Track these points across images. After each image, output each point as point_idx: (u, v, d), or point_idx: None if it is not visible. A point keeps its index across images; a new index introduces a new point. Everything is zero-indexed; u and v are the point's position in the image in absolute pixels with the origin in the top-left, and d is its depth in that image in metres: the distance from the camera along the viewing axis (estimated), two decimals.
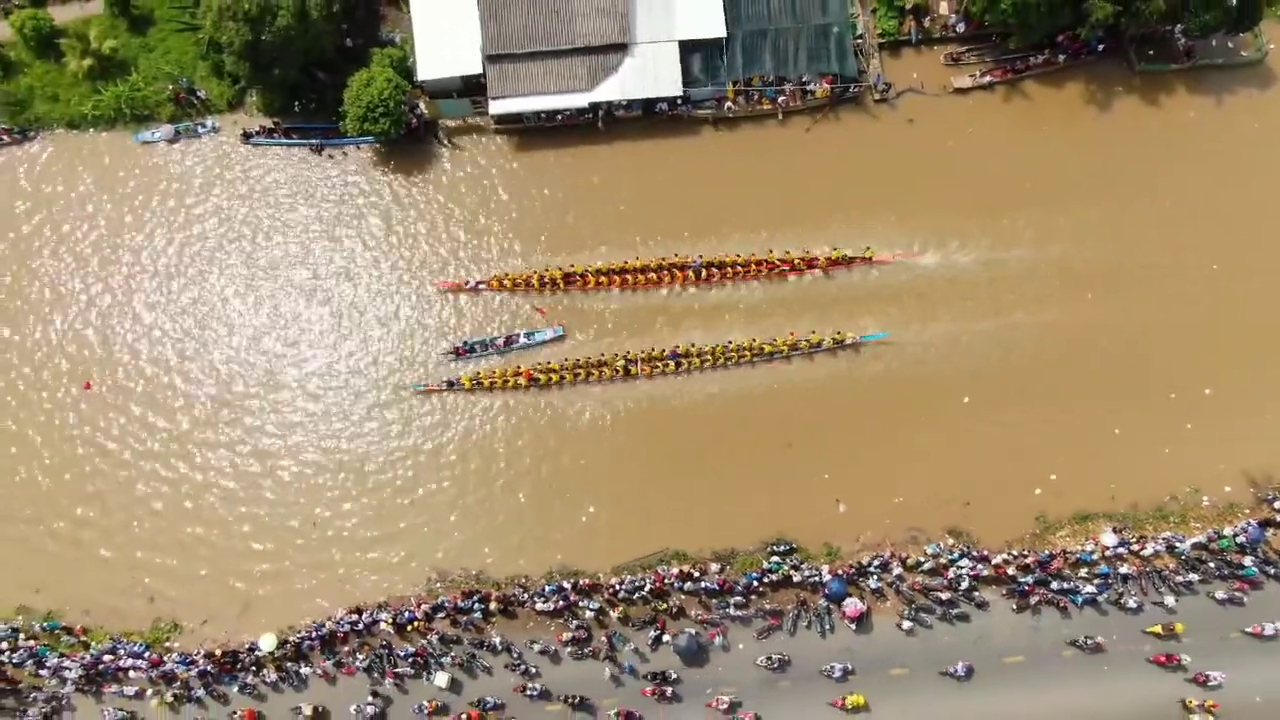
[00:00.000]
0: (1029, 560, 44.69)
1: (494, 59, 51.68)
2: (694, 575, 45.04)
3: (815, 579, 44.81)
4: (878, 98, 53.02)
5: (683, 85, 51.96)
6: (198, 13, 53.17)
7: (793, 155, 52.46)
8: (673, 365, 48.74)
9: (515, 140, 53.51)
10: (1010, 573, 44.65)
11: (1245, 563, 44.30)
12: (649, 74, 51.74)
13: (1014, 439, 46.98)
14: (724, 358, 48.90)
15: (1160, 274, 49.34)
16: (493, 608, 45.20)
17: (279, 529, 47.59)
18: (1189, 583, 44.29)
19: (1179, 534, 45.20)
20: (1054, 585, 44.28)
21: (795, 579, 44.86)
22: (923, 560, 44.96)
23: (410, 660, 44.54)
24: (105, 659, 45.13)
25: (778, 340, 49.04)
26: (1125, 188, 50.67)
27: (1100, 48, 52.47)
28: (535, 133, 53.37)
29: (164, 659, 45.17)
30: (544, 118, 52.72)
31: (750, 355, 48.97)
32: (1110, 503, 46.19)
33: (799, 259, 50.34)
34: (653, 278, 50.46)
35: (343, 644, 45.41)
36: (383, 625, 45.06)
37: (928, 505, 46.22)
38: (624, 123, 53.06)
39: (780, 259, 50.28)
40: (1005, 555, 45.00)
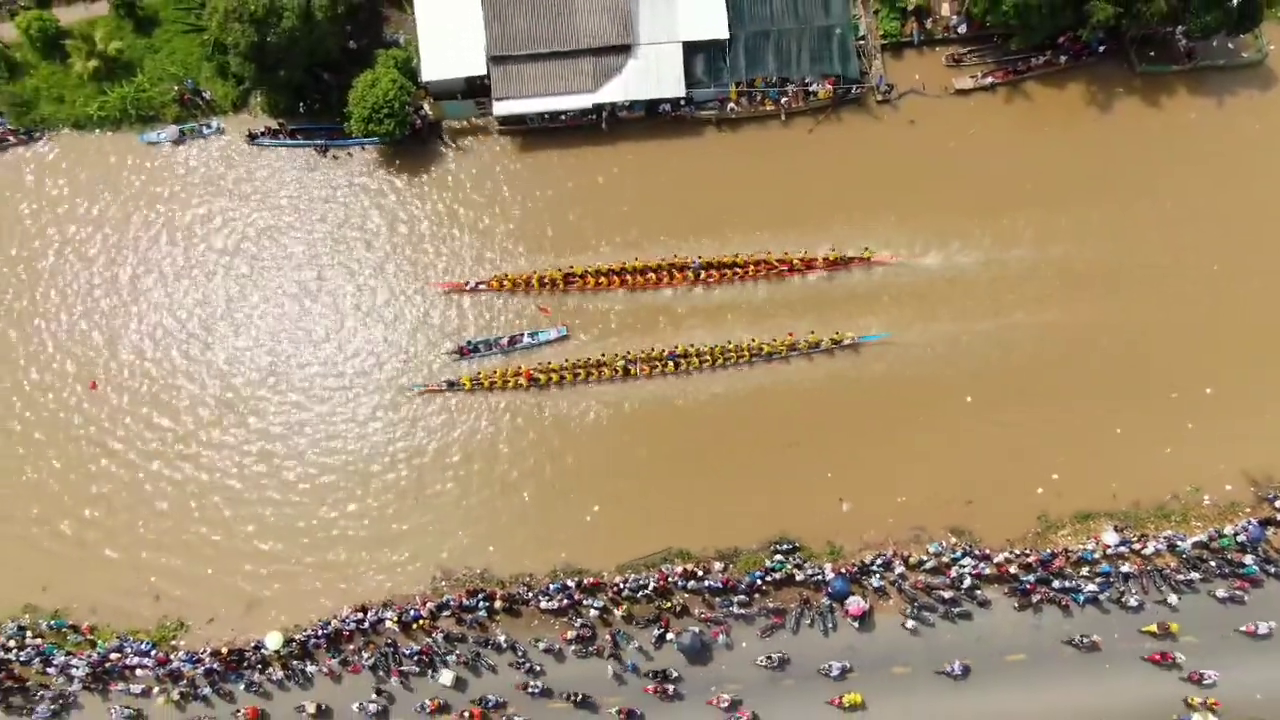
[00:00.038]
0: (1031, 559, 44.86)
1: (498, 60, 51.83)
2: (698, 574, 45.22)
3: (818, 577, 44.98)
4: (880, 99, 53.19)
5: (686, 86, 52.06)
6: (203, 14, 53.23)
7: (795, 156, 52.59)
8: (672, 366, 48.87)
9: (519, 141, 53.67)
10: (1012, 571, 44.83)
11: (1246, 561, 44.50)
12: (652, 75, 51.89)
13: (1015, 438, 47.12)
14: (723, 358, 49.07)
15: (1161, 274, 49.51)
16: (497, 606, 45.35)
17: (284, 529, 47.68)
18: (1190, 581, 44.48)
19: (1180, 533, 45.39)
20: (1056, 584, 44.44)
21: (798, 577, 45.08)
22: (925, 559, 45.16)
23: (415, 658, 44.71)
24: (112, 657, 45.25)
25: (776, 341, 49.24)
26: (1126, 188, 50.83)
27: (1101, 49, 52.61)
28: (539, 133, 53.54)
29: (170, 657, 45.29)
30: (547, 119, 52.88)
31: (749, 356, 49.15)
32: (1111, 501, 46.38)
33: (798, 260, 50.50)
34: (652, 278, 50.56)
35: (348, 642, 45.53)
36: (388, 623, 45.22)
37: (930, 504, 46.41)
38: (627, 123, 53.22)
39: (779, 260, 50.43)
40: (1007, 554, 45.19)
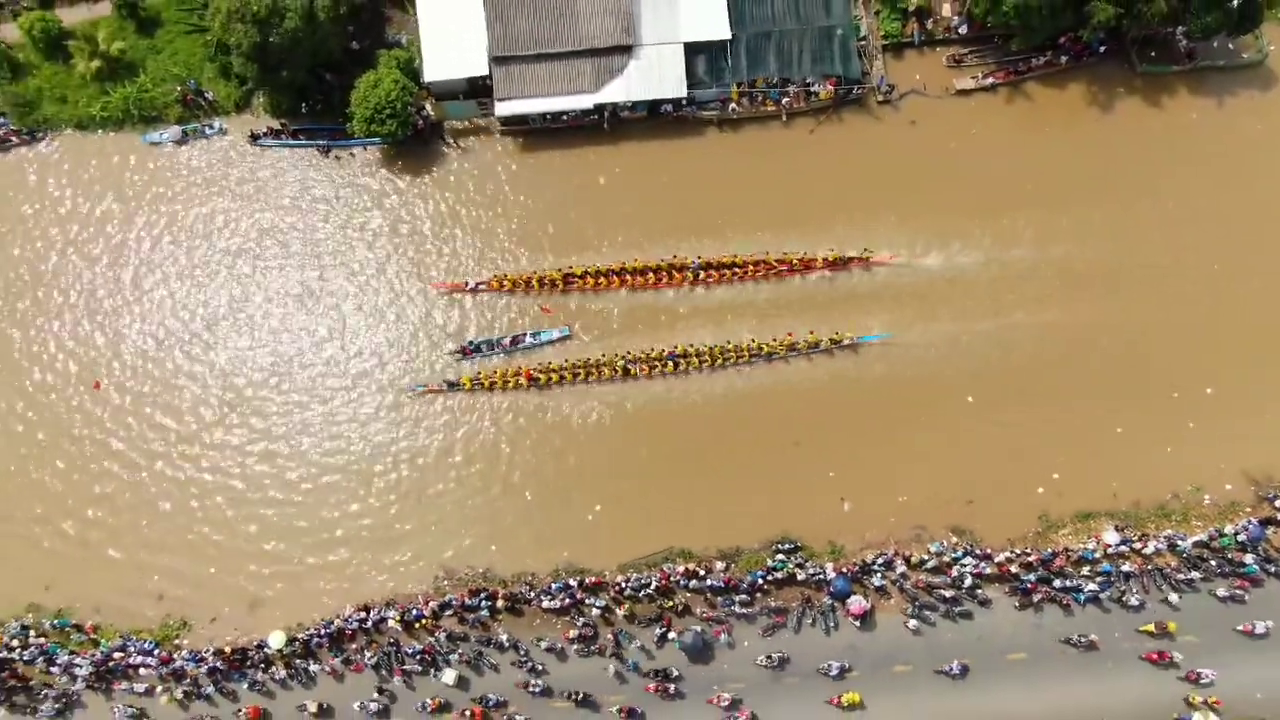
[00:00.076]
0: (1032, 558, 44.93)
1: (500, 61, 51.91)
2: (700, 573, 45.34)
3: (820, 577, 45.09)
4: (881, 99, 53.28)
5: (687, 87, 52.16)
6: (206, 15, 53.44)
7: (796, 156, 52.68)
8: (672, 366, 48.96)
9: (521, 141, 53.79)
10: (1013, 570, 44.91)
11: (1246, 560, 44.56)
12: (654, 75, 51.98)
13: (1016, 438, 47.20)
14: (723, 358, 49.15)
15: (1161, 274, 49.58)
16: (500, 605, 45.47)
17: (287, 529, 47.79)
18: (1190, 580, 44.56)
19: (1180, 532, 45.46)
20: (1056, 583, 44.51)
21: (800, 577, 45.19)
22: (926, 558, 45.26)
23: (418, 658, 44.83)
24: (115, 656, 45.42)
25: (776, 341, 49.33)
26: (1127, 189, 50.91)
27: (1102, 49, 52.67)
28: (540, 134, 53.65)
29: (174, 656, 45.45)
30: (549, 119, 52.98)
31: (749, 356, 49.23)
32: (1112, 501, 46.46)
33: (797, 260, 50.59)
34: (651, 279, 50.65)
35: (351, 641, 45.69)
36: (391, 623, 45.39)
37: (931, 504, 46.50)
38: (629, 124, 53.33)
39: (777, 260, 50.51)
40: (1008, 553, 45.26)
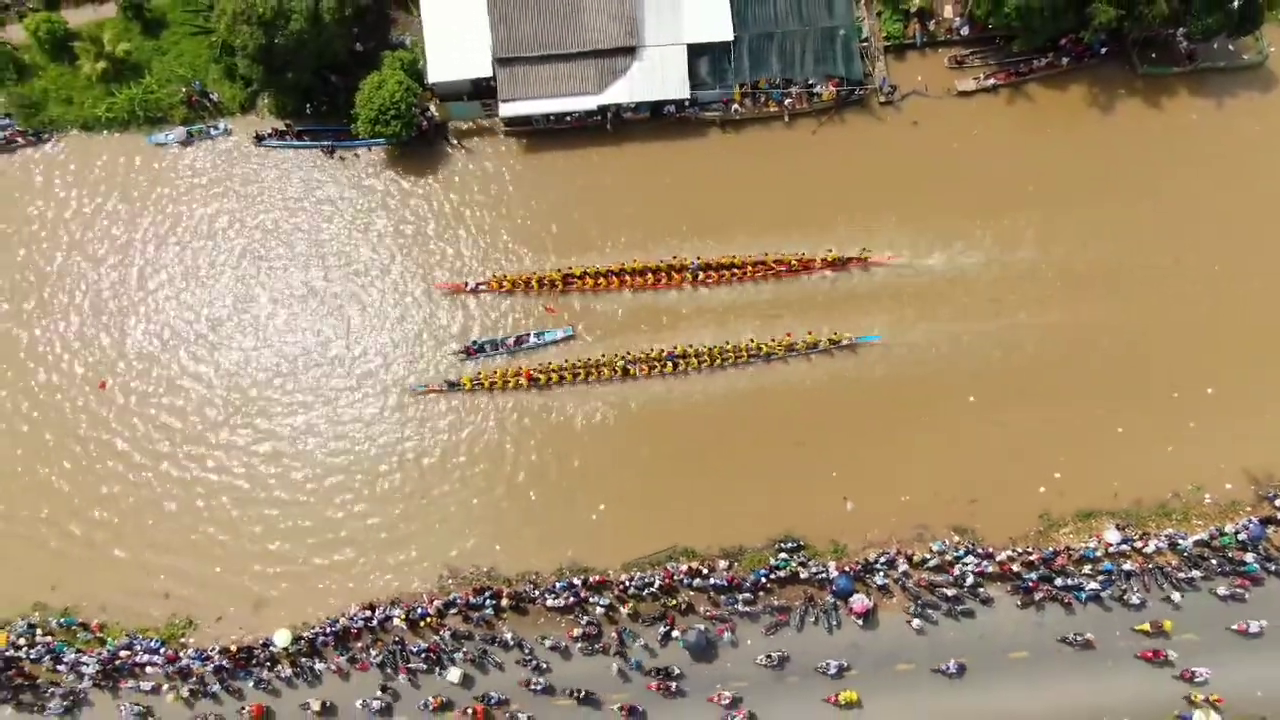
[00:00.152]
0: (1033, 557, 45.16)
1: (504, 62, 52.13)
2: (703, 572, 45.56)
3: (822, 576, 45.32)
4: (883, 100, 53.52)
5: (690, 88, 52.39)
6: (211, 16, 53.61)
7: (799, 157, 52.93)
8: (671, 366, 49.13)
9: (524, 142, 54.02)
10: (1015, 569, 45.16)
11: (1247, 559, 44.82)
12: (657, 77, 52.20)
13: (1017, 438, 47.44)
14: (722, 359, 49.31)
15: (1162, 275, 49.84)
16: (504, 604, 45.69)
17: (292, 529, 48.00)
18: (1191, 579, 44.79)
19: (1181, 531, 45.69)
20: (1058, 582, 44.74)
21: (803, 576, 45.42)
22: (929, 557, 45.50)
23: (423, 656, 45.01)
24: (122, 655, 45.62)
25: (775, 341, 49.50)
26: (1128, 189, 51.15)
27: (1103, 51, 52.90)
28: (544, 135, 53.87)
29: (180, 655, 45.63)
30: (553, 120, 53.21)
31: (748, 356, 49.40)
32: (1113, 500, 46.68)
33: (795, 260, 50.77)
34: (650, 279, 50.83)
35: (356, 640, 45.88)
36: (396, 621, 45.57)
37: (933, 503, 46.75)
38: (632, 125, 53.56)
39: (776, 260, 50.69)
40: (1010, 552, 45.52)
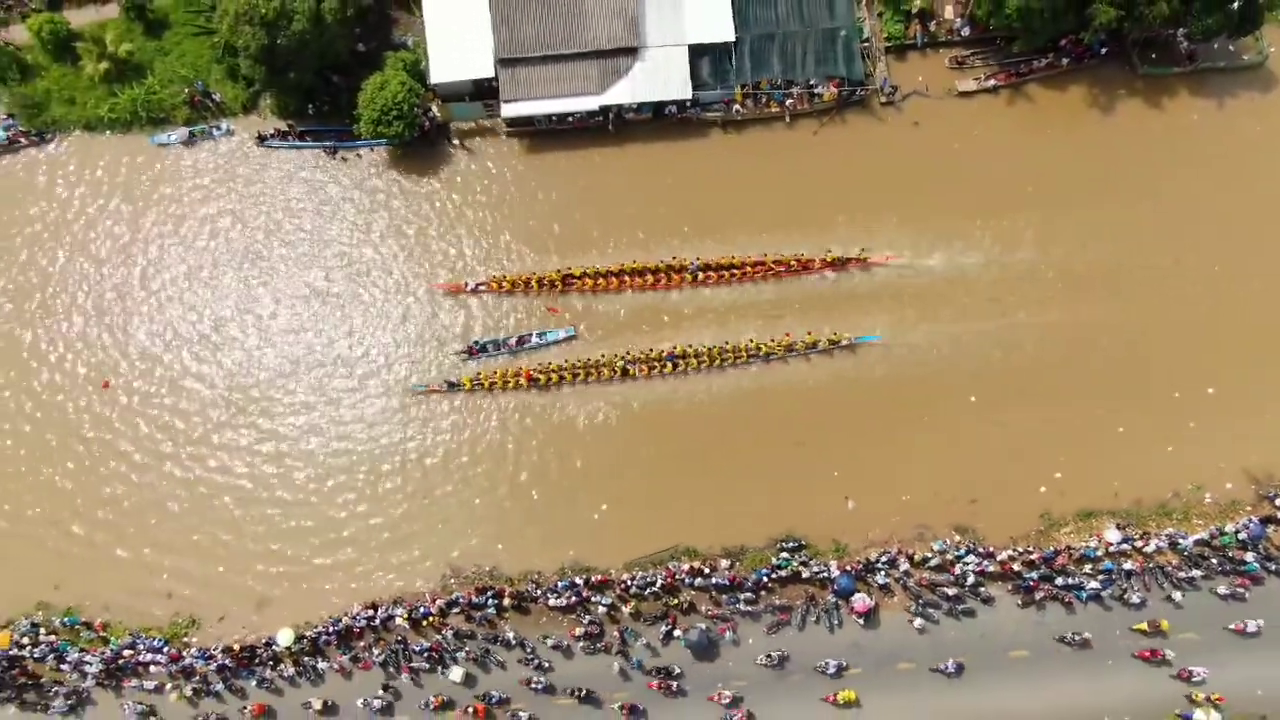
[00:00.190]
0: (1034, 556, 45.26)
1: (506, 63, 52.22)
2: (704, 571, 45.67)
3: (824, 575, 45.44)
4: (884, 101, 53.62)
5: (692, 88, 52.49)
6: (213, 17, 53.61)
7: (800, 157, 53.03)
8: (670, 366, 49.22)
9: (526, 142, 54.12)
10: (1015, 569, 45.28)
11: (1247, 559, 44.92)
12: (659, 77, 52.27)
13: (1018, 438, 47.53)
14: (721, 359, 49.40)
15: (1162, 275, 49.94)
16: (506, 603, 45.79)
17: (294, 529, 48.03)
18: (1191, 578, 44.89)
19: (1182, 530, 45.77)
20: (1059, 581, 44.86)
21: (804, 575, 45.53)
22: (929, 556, 45.62)
23: (425, 655, 45.13)
24: (125, 654, 45.70)
25: (774, 342, 49.61)
26: (1128, 190, 51.25)
27: (1103, 51, 52.96)
28: (546, 135, 53.98)
29: (183, 654, 45.71)
30: (555, 120, 53.30)
31: (747, 356, 49.48)
32: (1114, 500, 46.77)
33: (794, 260, 50.85)
34: (650, 280, 50.92)
35: (359, 639, 45.99)
36: (398, 620, 45.68)
37: (934, 503, 46.85)
38: (633, 125, 53.65)
39: (775, 261, 50.79)
40: (1010, 551, 45.62)
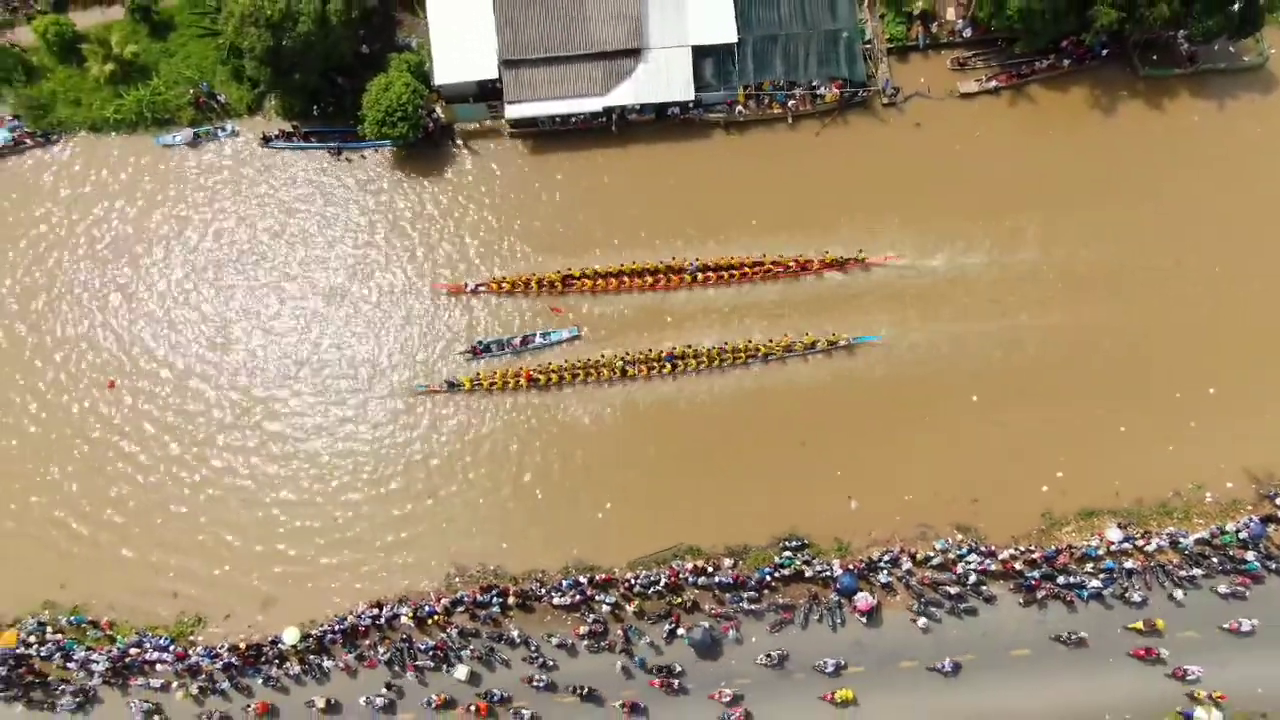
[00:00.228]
0: (1035, 555, 45.44)
1: (510, 64, 52.50)
2: (708, 570, 45.86)
3: (827, 574, 45.64)
4: (886, 102, 53.89)
5: (695, 89, 52.75)
6: (219, 19, 53.97)
7: (802, 158, 53.32)
8: (669, 367, 49.41)
9: (529, 143, 54.37)
10: (1017, 568, 45.46)
11: (1247, 558, 45.10)
12: (662, 79, 52.55)
13: (1019, 438, 47.72)
14: (720, 359, 49.57)
15: (1163, 276, 50.14)
16: (511, 602, 45.97)
17: (299, 529, 48.28)
18: (1192, 577, 45.06)
19: (1182, 529, 45.94)
20: (1060, 580, 45.04)
21: (807, 574, 45.74)
22: (932, 555, 45.80)
23: (430, 653, 45.35)
24: (131, 652, 45.92)
25: (773, 342, 49.77)
26: (1129, 191, 51.47)
27: (1104, 53, 53.24)
28: (549, 136, 54.23)
29: (189, 652, 45.93)
30: (558, 121, 53.56)
31: (746, 357, 49.65)
32: (1115, 499, 46.94)
33: (793, 261, 51.02)
34: (650, 280, 51.10)
35: (364, 638, 46.19)
36: (403, 619, 45.88)
37: (936, 502, 47.05)
38: (636, 126, 53.91)
39: (773, 261, 50.94)
40: (1012, 550, 45.80)
